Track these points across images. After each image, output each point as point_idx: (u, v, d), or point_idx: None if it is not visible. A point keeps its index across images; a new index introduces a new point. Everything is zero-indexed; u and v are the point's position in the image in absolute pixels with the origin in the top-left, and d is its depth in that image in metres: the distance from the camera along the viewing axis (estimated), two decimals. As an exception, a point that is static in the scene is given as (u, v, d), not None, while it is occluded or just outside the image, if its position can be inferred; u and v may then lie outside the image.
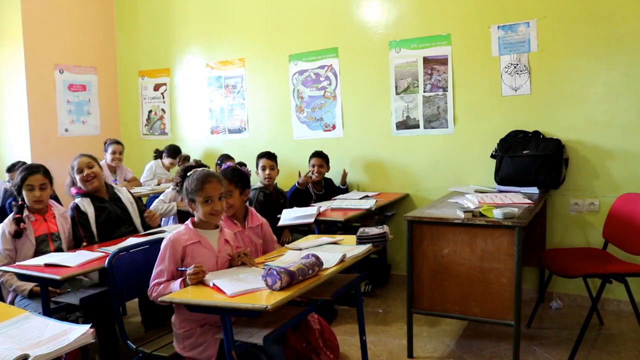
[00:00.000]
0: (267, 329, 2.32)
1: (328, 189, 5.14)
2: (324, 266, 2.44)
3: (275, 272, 2.17)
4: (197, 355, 2.52)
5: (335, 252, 2.66)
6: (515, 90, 4.50)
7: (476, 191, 4.25)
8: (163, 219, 4.79)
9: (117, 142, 6.01)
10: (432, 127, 4.91)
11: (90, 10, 6.80)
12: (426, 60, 4.89)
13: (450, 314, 3.34)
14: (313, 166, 5.03)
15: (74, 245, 3.49)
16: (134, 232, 3.63)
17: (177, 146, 6.21)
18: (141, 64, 6.90)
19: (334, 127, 5.43)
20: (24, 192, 3.38)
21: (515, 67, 4.48)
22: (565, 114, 4.33)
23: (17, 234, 3.29)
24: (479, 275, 3.19)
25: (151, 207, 4.59)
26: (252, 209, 3.19)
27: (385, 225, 3.03)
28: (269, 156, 4.79)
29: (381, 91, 5.13)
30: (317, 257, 2.39)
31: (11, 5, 6.12)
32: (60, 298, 3.02)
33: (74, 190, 3.64)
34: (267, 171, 4.70)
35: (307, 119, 5.59)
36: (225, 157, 5.58)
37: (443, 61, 4.82)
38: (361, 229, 3.00)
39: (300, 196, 4.92)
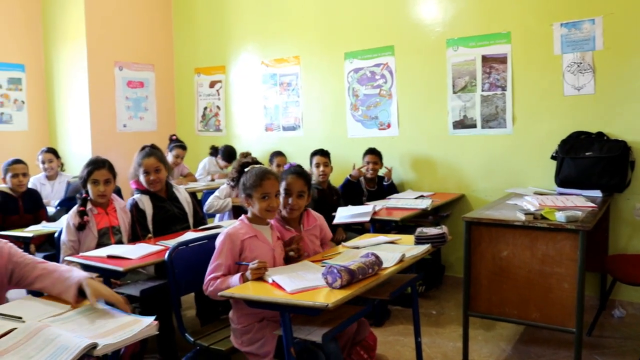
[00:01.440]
0: (325, 327, 2.31)
1: (380, 187, 5.11)
2: (383, 265, 2.41)
3: (335, 270, 2.15)
4: (255, 351, 2.54)
5: (394, 252, 2.63)
6: (578, 90, 4.36)
7: (535, 193, 4.13)
8: (218, 214, 4.85)
9: (182, 147, 6.11)
10: (490, 127, 4.81)
11: (149, 9, 6.95)
12: (485, 59, 4.80)
13: (508, 317, 3.26)
14: (368, 163, 5.02)
15: (133, 239, 3.56)
16: (187, 229, 3.64)
17: (233, 149, 6.22)
18: (197, 61, 7.01)
19: (389, 125, 5.39)
20: (88, 186, 3.47)
21: (578, 65, 4.34)
22: (631, 115, 4.17)
23: (81, 227, 3.38)
24: (539, 279, 3.10)
25: (207, 203, 4.65)
26: (310, 209, 3.12)
27: (444, 226, 2.98)
28: (323, 153, 4.80)
29: (438, 90, 5.06)
30: (377, 256, 2.37)
31: (75, 5, 6.32)
32: (121, 289, 3.09)
33: (133, 185, 3.71)
34: (321, 168, 4.71)
35: (362, 117, 5.57)
36: (277, 154, 5.61)
37: (502, 60, 4.72)
38: (419, 229, 2.95)
39: (352, 190, 4.92)
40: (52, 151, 5.45)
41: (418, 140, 5.23)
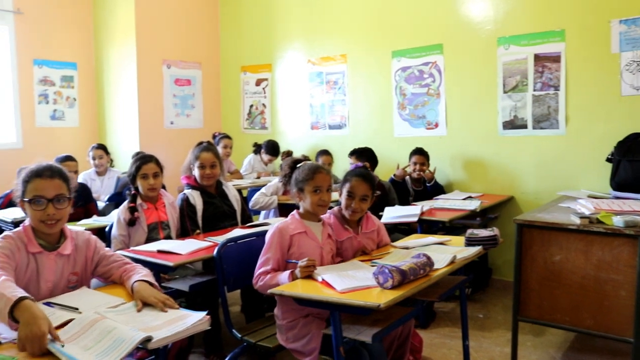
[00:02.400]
0: (374, 327, 2.28)
1: (426, 187, 5.04)
2: (434, 267, 2.37)
3: (387, 271, 2.12)
4: (300, 348, 2.54)
5: (444, 253, 2.59)
6: (638, 90, 4.20)
7: (589, 196, 4.00)
8: (263, 212, 4.87)
9: (228, 137, 6.22)
10: (542, 128, 4.69)
11: (197, 8, 7.03)
12: (537, 58, 4.67)
13: (559, 324, 3.17)
14: (415, 164, 4.95)
15: (182, 234, 3.59)
16: (235, 226, 3.65)
17: (276, 142, 6.27)
18: (243, 60, 7.05)
19: (436, 125, 5.31)
20: (138, 181, 3.52)
21: (638, 64, 4.18)
22: (694, 116, 4.00)
23: (131, 222, 3.43)
24: (594, 285, 3.00)
25: (252, 199, 4.67)
26: (369, 213, 3.07)
27: (495, 228, 2.91)
28: (360, 154, 4.76)
29: (487, 89, 4.96)
30: (429, 257, 2.33)
31: (126, 5, 6.44)
32: (170, 284, 3.12)
33: (184, 180, 3.75)
34: None
35: (409, 116, 5.50)
36: (323, 153, 5.61)
37: (555, 58, 4.59)
38: (470, 231, 2.89)
39: (398, 190, 4.86)
40: (102, 147, 5.57)
41: (466, 140, 5.14)
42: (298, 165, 2.81)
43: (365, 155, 4.82)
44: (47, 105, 6.47)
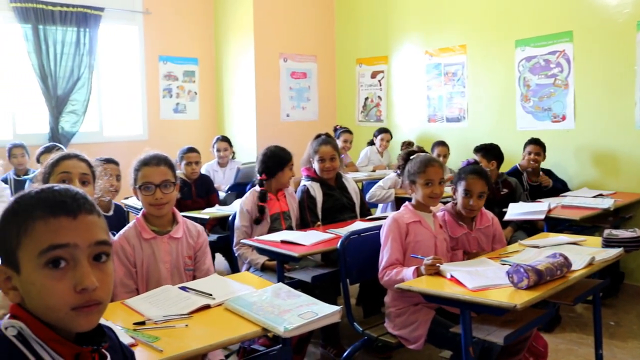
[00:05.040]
0: (505, 328, 2.17)
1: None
2: (572, 268, 2.22)
3: (522, 270, 2.02)
4: (406, 335, 2.56)
5: (581, 254, 2.43)
6: None
7: None
8: (381, 205, 4.83)
9: (349, 132, 6.27)
10: (688, 120, 4.29)
11: (312, 1, 7.10)
12: (686, 41, 4.27)
13: None
14: (529, 153, 4.70)
15: (301, 225, 3.62)
16: (354, 219, 3.63)
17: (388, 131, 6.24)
18: (359, 52, 7.03)
19: (563, 117, 5.01)
20: (279, 173, 3.53)
21: None
22: None
23: (257, 221, 3.46)
24: None
25: (369, 192, 4.65)
26: (484, 208, 2.99)
27: (637, 229, 2.69)
28: (487, 150, 4.57)
29: (624, 78, 4.60)
30: (566, 258, 2.19)
31: (245, 1, 6.62)
32: (292, 274, 3.15)
33: (304, 172, 3.78)
34: (483, 163, 4.47)
35: (533, 108, 5.24)
36: (439, 144, 5.48)
37: None
38: (608, 231, 2.70)
39: None
40: (227, 140, 5.77)
41: (597, 133, 4.81)
42: (411, 157, 2.81)
43: (492, 153, 4.61)
44: (171, 99, 6.82)
